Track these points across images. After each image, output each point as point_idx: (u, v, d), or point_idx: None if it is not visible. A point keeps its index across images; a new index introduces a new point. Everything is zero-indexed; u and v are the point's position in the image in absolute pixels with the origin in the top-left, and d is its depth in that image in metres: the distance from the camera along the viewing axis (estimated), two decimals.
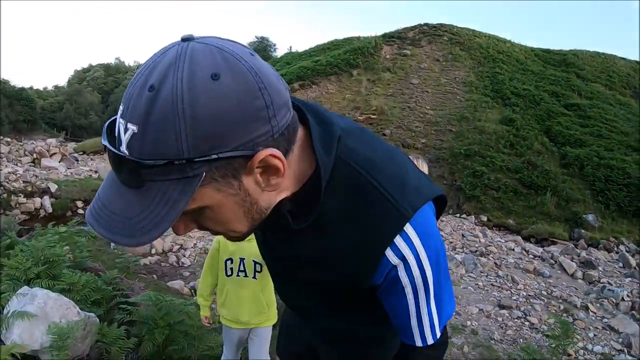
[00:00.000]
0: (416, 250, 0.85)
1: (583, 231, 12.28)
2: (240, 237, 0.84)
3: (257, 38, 63.97)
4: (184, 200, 0.65)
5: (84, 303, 3.68)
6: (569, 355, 5.17)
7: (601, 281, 8.32)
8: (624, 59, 29.31)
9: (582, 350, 5.43)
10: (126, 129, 0.63)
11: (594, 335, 5.92)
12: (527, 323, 6.08)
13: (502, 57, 24.76)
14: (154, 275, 7.12)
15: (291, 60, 28.15)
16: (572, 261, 9.35)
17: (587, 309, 6.78)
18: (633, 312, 6.90)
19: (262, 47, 61.76)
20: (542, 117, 19.22)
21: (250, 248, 2.58)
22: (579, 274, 8.68)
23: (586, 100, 21.38)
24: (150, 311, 3.63)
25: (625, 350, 5.49)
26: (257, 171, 0.71)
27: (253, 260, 2.67)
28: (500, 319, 6.14)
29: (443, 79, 21.66)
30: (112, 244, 7.46)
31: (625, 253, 10.76)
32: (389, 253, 0.84)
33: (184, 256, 8.52)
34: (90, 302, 3.76)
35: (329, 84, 21.71)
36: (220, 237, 2.64)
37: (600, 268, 9.32)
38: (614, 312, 6.85)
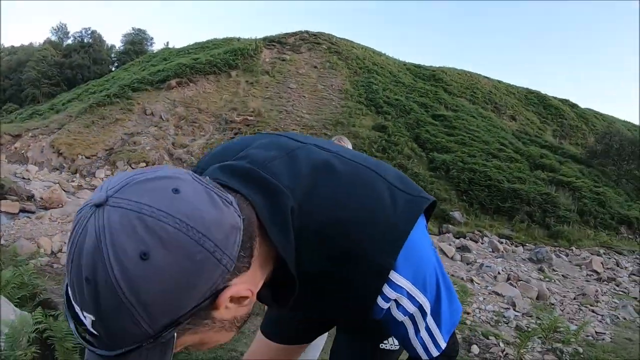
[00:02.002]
0: (406, 291, 0.82)
1: (450, 226, 13.36)
2: None
3: (134, 30, 61.13)
4: (158, 356, 0.63)
5: (10, 301, 3.29)
6: (467, 313, 5.93)
7: (477, 261, 9.44)
8: (487, 77, 31.80)
9: (477, 310, 6.25)
10: (85, 316, 0.60)
11: (484, 298, 6.86)
12: None
13: (376, 69, 25.69)
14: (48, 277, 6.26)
15: (168, 56, 26.99)
16: (450, 246, 10.56)
17: (472, 281, 7.83)
18: (510, 281, 8.01)
19: (139, 39, 59.21)
20: (412, 125, 20.15)
21: None
22: (458, 256, 9.96)
23: (452, 112, 22.83)
24: None
25: (511, 308, 6.52)
26: (228, 306, 0.67)
27: None
28: None
29: (320, 85, 21.91)
30: None
31: (494, 239, 12.23)
32: (379, 301, 0.81)
33: None
34: (17, 299, 3.44)
35: (207, 83, 21.03)
36: None
37: (474, 252, 10.54)
38: (494, 282, 7.94)
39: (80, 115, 18.31)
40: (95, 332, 0.60)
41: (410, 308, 0.83)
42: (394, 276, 0.79)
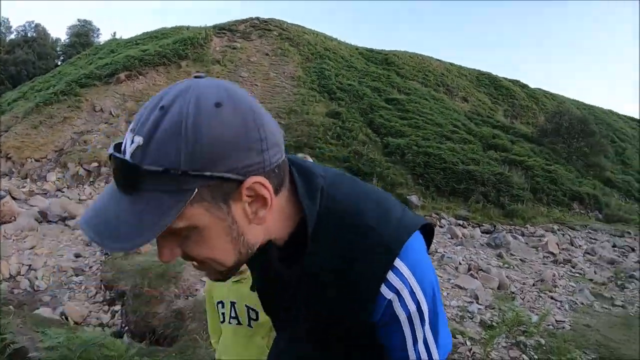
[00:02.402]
0: (409, 283, 0.86)
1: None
2: (224, 274, 0.85)
3: (79, 21, 58.48)
4: (174, 211, 0.67)
5: None
6: None
7: (438, 251, 9.50)
8: (439, 60, 32.02)
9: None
10: (132, 142, 0.68)
11: (447, 293, 6.91)
12: None
13: (329, 54, 25.48)
14: (11, 307, 5.77)
15: (116, 48, 25.79)
16: None
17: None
18: (471, 272, 8.16)
19: (85, 31, 56.86)
20: (365, 110, 20.09)
21: (242, 291, 2.09)
22: None
23: (405, 95, 22.90)
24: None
25: (474, 302, 6.59)
26: (246, 200, 0.73)
27: (246, 306, 2.15)
28: None
29: (272, 73, 21.58)
30: None
31: (453, 226, 12.43)
32: (383, 289, 0.85)
33: (37, 278, 7.38)
34: None
35: (157, 75, 20.23)
36: (209, 285, 2.31)
37: (434, 240, 10.51)
38: (456, 274, 8.01)
39: (27, 115, 17.28)
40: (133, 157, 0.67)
41: (411, 305, 0.85)
42: (399, 264, 0.84)
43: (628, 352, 5.10)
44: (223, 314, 2.15)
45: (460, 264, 8.62)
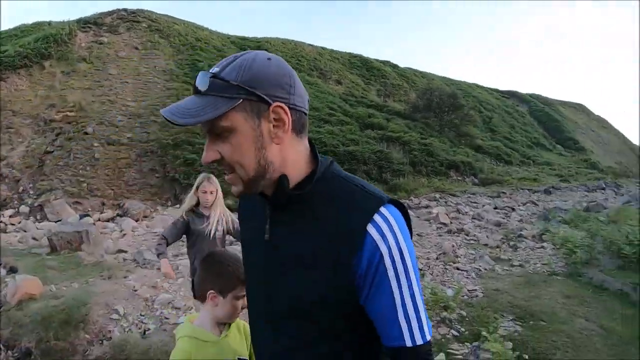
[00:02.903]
0: (392, 228, 1.01)
1: None
2: (245, 184, 1.06)
3: None
4: (224, 108, 0.98)
5: None
6: None
7: None
8: (311, 45, 32.42)
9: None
10: (211, 70, 1.02)
11: None
12: None
13: (200, 45, 24.82)
14: None
15: None
16: None
17: None
18: None
19: None
20: None
21: (230, 346, 1.91)
22: None
23: None
24: None
25: None
26: (271, 121, 1.02)
27: (238, 359, 1.96)
28: None
29: (143, 68, 20.57)
30: None
31: None
32: (370, 228, 1.00)
33: None
34: None
35: (19, 79, 18.15)
36: (190, 348, 1.89)
37: None
38: None
39: None
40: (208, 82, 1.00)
41: (394, 247, 1.00)
42: (384, 211, 1.03)
43: (537, 308, 5.49)
44: None
45: None
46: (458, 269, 7.71)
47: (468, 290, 6.36)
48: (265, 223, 1.13)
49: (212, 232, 3.89)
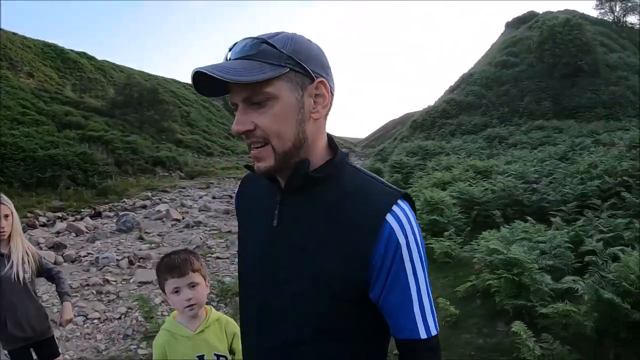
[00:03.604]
0: (410, 219, 1.02)
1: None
2: (277, 159, 1.02)
3: None
4: (272, 73, 0.95)
5: None
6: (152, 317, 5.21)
7: (81, 255, 8.06)
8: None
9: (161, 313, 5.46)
10: (253, 40, 0.99)
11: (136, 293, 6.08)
12: None
13: None
14: None
15: None
16: (47, 250, 8.19)
17: (108, 281, 6.60)
18: (138, 264, 7.43)
19: None
20: None
21: (207, 342, 1.93)
22: (60, 259, 7.73)
23: None
24: None
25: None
26: (312, 96, 1.02)
27: (215, 354, 1.96)
28: None
29: None
30: None
31: (73, 223, 10.84)
32: (389, 218, 0.99)
33: None
34: None
35: None
36: (163, 341, 1.93)
37: (69, 244, 9.04)
38: (122, 272, 7.08)
39: None
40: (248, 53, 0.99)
41: (410, 236, 1.00)
42: (401, 203, 1.03)
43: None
44: None
45: (118, 259, 7.54)
46: (219, 258, 7.81)
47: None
48: (273, 209, 1.10)
49: (20, 275, 2.77)
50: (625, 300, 3.15)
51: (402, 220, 1.00)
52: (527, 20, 39.29)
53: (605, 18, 37.68)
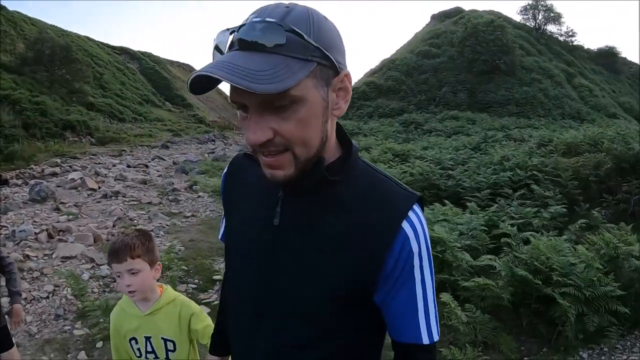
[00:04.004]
0: (423, 226, 0.97)
1: None
2: (297, 167, 0.88)
3: None
4: (302, 74, 0.78)
5: None
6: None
7: (4, 227, 7.31)
8: None
9: (96, 292, 5.20)
10: (262, 21, 0.78)
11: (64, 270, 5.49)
12: None
13: None
14: None
15: None
16: None
17: (28, 257, 6.04)
18: (59, 237, 6.86)
19: None
20: None
21: (157, 324, 1.92)
22: None
23: None
24: None
25: (97, 265, 5.88)
26: (336, 89, 0.88)
27: (162, 339, 1.95)
28: None
29: None
30: None
31: None
32: (405, 225, 0.93)
33: None
34: None
35: None
36: (116, 317, 1.98)
37: None
38: (43, 246, 6.57)
39: None
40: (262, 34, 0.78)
41: (423, 243, 0.96)
42: (416, 208, 0.97)
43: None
44: (139, 349, 1.98)
45: (36, 233, 6.87)
46: (152, 231, 7.43)
47: (168, 246, 6.38)
48: (274, 205, 1.00)
49: None
50: (537, 277, 3.65)
51: (417, 228, 0.95)
52: (452, 15, 41.17)
53: (527, 23, 40.52)
